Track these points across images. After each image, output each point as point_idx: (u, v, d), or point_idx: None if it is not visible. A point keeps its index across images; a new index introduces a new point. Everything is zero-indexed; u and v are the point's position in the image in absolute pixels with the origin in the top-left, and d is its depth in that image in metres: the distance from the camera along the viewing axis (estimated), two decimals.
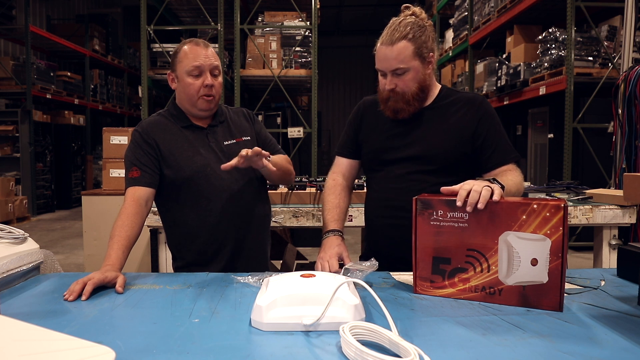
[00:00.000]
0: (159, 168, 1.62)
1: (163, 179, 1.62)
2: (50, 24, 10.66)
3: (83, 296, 1.18)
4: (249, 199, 1.68)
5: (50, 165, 8.80)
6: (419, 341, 0.91)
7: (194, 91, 1.61)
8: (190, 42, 1.64)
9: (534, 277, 1.10)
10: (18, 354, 0.71)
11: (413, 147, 1.56)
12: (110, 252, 1.40)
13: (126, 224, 1.47)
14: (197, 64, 1.59)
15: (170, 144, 1.63)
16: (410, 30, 1.48)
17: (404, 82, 1.51)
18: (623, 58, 3.67)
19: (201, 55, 1.60)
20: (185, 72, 1.60)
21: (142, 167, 1.58)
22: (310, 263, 3.75)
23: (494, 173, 1.51)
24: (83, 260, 4.21)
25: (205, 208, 1.62)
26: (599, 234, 2.56)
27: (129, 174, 1.59)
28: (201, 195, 1.61)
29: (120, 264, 1.38)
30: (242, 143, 1.70)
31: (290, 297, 1.00)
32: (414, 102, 1.54)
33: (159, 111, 1.75)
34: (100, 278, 1.24)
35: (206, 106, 1.63)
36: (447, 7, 8.94)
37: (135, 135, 1.65)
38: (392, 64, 1.49)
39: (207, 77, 1.60)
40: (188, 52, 1.61)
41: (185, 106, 1.67)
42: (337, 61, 15.33)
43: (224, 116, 1.75)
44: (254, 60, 6.38)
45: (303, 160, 6.94)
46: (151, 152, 1.61)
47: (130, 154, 1.63)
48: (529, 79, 5.83)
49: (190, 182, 1.61)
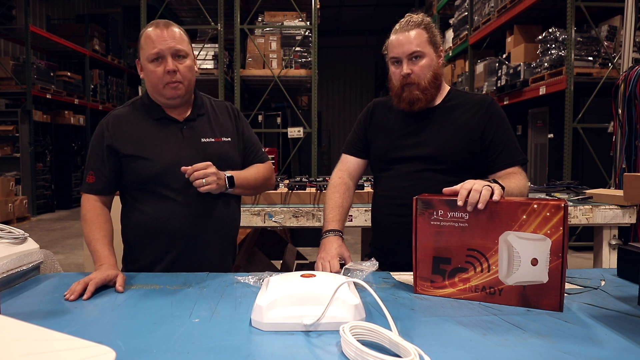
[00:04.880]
0: (116, 172, 1.53)
1: (127, 175, 1.52)
2: (50, 24, 10.66)
3: (85, 295, 1.18)
4: (217, 205, 1.53)
5: (50, 165, 8.80)
6: (419, 341, 0.91)
7: (157, 79, 1.47)
8: (151, 24, 1.49)
9: (534, 277, 1.10)
10: (18, 354, 0.71)
11: (422, 146, 1.57)
12: (98, 253, 1.39)
13: (95, 226, 1.45)
14: (156, 50, 1.44)
15: (136, 138, 1.50)
16: (422, 22, 1.55)
17: (419, 68, 1.53)
18: (623, 58, 3.67)
19: (160, 38, 1.44)
20: (147, 59, 1.47)
21: (97, 173, 1.52)
22: (310, 263, 3.75)
23: (499, 175, 1.51)
24: (83, 260, 4.21)
25: (169, 210, 1.49)
26: (599, 234, 2.56)
27: (86, 178, 1.54)
28: (167, 195, 1.49)
29: (113, 259, 1.38)
30: (221, 143, 1.56)
31: (290, 297, 1.00)
32: (429, 90, 1.55)
33: (134, 99, 1.62)
34: (101, 277, 1.24)
35: (173, 93, 1.48)
36: (447, 7, 8.94)
37: (97, 132, 1.54)
38: (409, 47, 1.52)
39: (168, 62, 1.45)
40: (148, 36, 1.46)
41: (154, 96, 1.54)
42: (337, 61, 15.31)
43: (205, 109, 1.60)
44: (254, 60, 6.38)
45: (303, 160, 6.94)
46: (107, 156, 1.51)
47: (90, 152, 1.55)
48: (529, 79, 5.83)
49: (157, 180, 1.48)
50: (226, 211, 1.57)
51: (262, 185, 1.67)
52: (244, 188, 1.57)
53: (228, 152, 1.58)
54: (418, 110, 1.57)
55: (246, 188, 1.58)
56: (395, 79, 1.57)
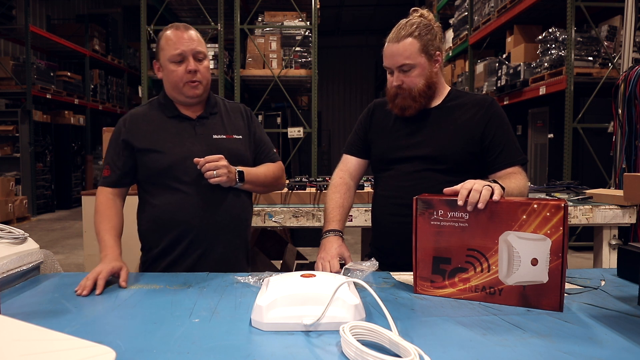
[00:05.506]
0: (130, 166, 1.60)
1: (142, 169, 1.59)
2: (50, 24, 10.65)
3: (97, 291, 1.23)
4: (227, 198, 1.58)
5: (50, 165, 8.79)
6: (419, 341, 0.91)
7: (178, 78, 1.56)
8: (171, 27, 1.59)
9: (534, 277, 1.10)
10: (18, 354, 0.71)
11: (422, 146, 1.57)
12: (104, 242, 1.45)
13: (105, 218, 1.52)
14: (179, 50, 1.54)
15: (150, 134, 1.58)
16: (416, 28, 1.52)
17: (410, 79, 1.53)
18: (623, 58, 3.67)
19: (182, 40, 1.54)
20: (168, 60, 1.56)
21: (113, 167, 1.60)
22: (310, 263, 3.75)
23: (499, 175, 1.52)
24: (83, 260, 4.21)
25: (180, 202, 1.54)
26: (599, 234, 2.56)
27: (103, 171, 1.62)
28: (178, 188, 1.55)
29: (119, 252, 1.43)
30: (232, 140, 1.63)
31: (290, 297, 1.00)
32: (420, 98, 1.55)
33: (151, 99, 1.71)
34: (108, 270, 1.29)
35: (193, 92, 1.57)
36: (447, 7, 8.94)
37: (116, 129, 1.63)
38: (398, 60, 1.52)
39: (190, 62, 1.55)
40: (169, 38, 1.56)
41: (172, 95, 1.62)
42: (337, 61, 15.31)
43: (217, 108, 1.67)
44: (254, 60, 6.38)
45: (303, 160, 6.94)
46: (123, 150, 1.58)
47: (108, 148, 1.63)
48: (529, 79, 5.83)
49: (169, 173, 1.54)
50: (236, 205, 1.61)
51: (272, 183, 1.71)
52: (254, 184, 1.62)
53: (239, 149, 1.63)
54: (409, 115, 1.58)
55: (256, 184, 1.63)
56: (389, 86, 1.59)
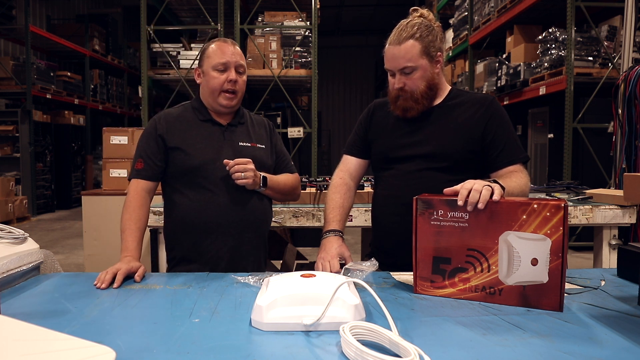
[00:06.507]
0: (163, 161, 1.68)
1: (171, 166, 1.67)
2: (50, 24, 10.65)
3: (115, 284, 1.29)
4: (252, 200, 1.68)
5: (50, 165, 8.79)
6: (419, 341, 0.91)
7: (218, 84, 1.66)
8: (219, 40, 1.72)
9: (534, 277, 1.10)
10: (18, 354, 0.71)
11: (423, 145, 1.57)
12: (126, 243, 1.53)
13: (134, 216, 1.59)
14: (224, 60, 1.66)
15: (183, 133, 1.68)
16: (417, 30, 1.51)
17: (412, 81, 1.53)
18: (623, 58, 3.67)
19: (228, 52, 1.67)
20: (212, 67, 1.67)
21: (147, 160, 1.67)
22: (310, 263, 3.74)
23: (500, 173, 1.51)
24: (83, 260, 4.21)
25: (207, 201, 1.63)
26: (599, 234, 2.56)
27: (135, 164, 1.68)
28: (206, 187, 1.64)
29: (139, 254, 1.51)
30: (256, 148, 1.74)
31: (290, 297, 1.00)
32: (423, 100, 1.56)
33: (183, 103, 1.82)
34: (127, 268, 1.36)
35: (227, 103, 1.69)
36: (447, 7, 8.93)
37: (150, 125, 1.72)
38: (400, 62, 1.52)
39: (232, 72, 1.67)
40: (216, 48, 1.68)
41: (207, 100, 1.72)
42: (337, 61, 15.31)
43: (245, 119, 1.79)
44: (254, 60, 6.38)
45: (303, 160, 6.94)
46: (158, 145, 1.67)
47: (140, 143, 1.71)
48: (529, 79, 5.83)
49: (197, 172, 1.64)
50: (259, 206, 1.71)
51: (290, 192, 1.82)
52: (274, 191, 1.73)
53: (262, 157, 1.74)
54: (411, 117, 1.58)
55: (276, 191, 1.74)
56: (391, 88, 1.59)
